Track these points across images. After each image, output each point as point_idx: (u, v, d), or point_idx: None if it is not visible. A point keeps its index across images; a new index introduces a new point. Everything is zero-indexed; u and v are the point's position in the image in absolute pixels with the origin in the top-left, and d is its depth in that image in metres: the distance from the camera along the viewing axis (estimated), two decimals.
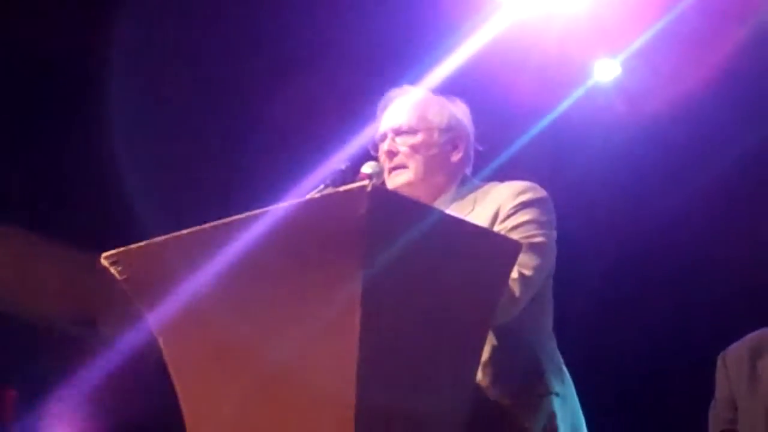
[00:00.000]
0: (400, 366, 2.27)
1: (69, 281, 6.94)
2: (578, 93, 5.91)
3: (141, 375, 5.61)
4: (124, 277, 2.45)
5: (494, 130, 3.25)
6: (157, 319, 2.47)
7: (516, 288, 2.60)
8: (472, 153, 3.04)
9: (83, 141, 5.96)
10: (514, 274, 2.57)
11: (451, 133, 2.98)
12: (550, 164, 5.89)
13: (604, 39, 5.62)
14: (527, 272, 2.64)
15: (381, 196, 2.19)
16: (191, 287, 2.35)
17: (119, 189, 6.09)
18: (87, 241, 6.09)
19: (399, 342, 2.26)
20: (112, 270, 2.46)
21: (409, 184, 2.89)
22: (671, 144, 6.14)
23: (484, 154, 3.11)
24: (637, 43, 5.58)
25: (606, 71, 5.90)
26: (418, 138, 2.93)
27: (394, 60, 5.15)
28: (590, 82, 5.92)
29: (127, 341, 5.70)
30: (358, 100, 3.41)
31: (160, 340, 2.49)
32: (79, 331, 7.00)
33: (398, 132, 2.94)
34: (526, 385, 2.70)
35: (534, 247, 2.68)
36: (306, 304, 2.25)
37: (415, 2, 5.32)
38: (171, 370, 2.48)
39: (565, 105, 5.91)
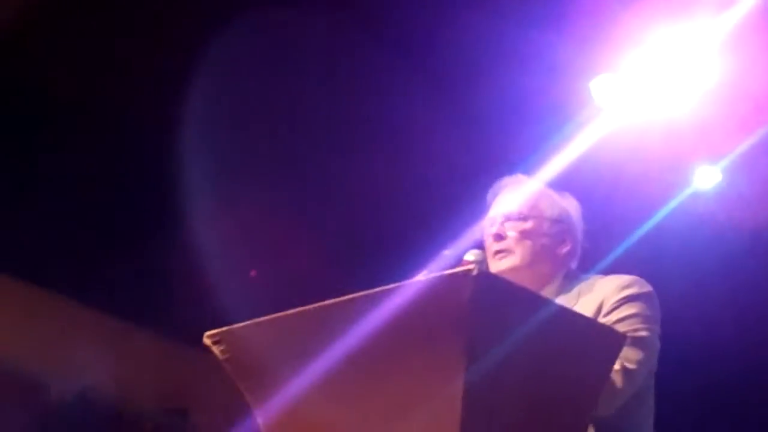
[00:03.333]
0: None
1: (161, 370, 7.00)
2: (678, 199, 5.84)
3: None
4: (226, 357, 2.42)
5: (596, 232, 3.23)
6: (256, 401, 2.43)
7: (618, 380, 2.57)
8: (579, 249, 3.01)
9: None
10: (617, 366, 2.54)
11: (561, 226, 2.97)
12: (647, 270, 5.80)
13: (705, 145, 5.57)
14: (630, 365, 2.60)
15: (487, 281, 2.14)
16: (294, 371, 2.32)
17: (215, 283, 6.18)
18: (180, 331, 6.18)
19: None
20: (215, 349, 2.43)
21: (513, 269, 2.86)
22: None
23: (587, 253, 3.08)
24: (739, 150, 5.50)
25: (706, 178, 5.83)
26: (528, 225, 2.92)
27: (501, 151, 5.18)
28: (690, 189, 5.85)
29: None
30: (469, 188, 3.42)
31: (260, 424, 2.45)
32: (170, 420, 7.02)
33: (509, 218, 2.93)
34: None
35: (638, 341, 2.65)
36: (410, 396, 2.21)
37: (521, 106, 5.35)
38: None
39: (664, 211, 5.84)
